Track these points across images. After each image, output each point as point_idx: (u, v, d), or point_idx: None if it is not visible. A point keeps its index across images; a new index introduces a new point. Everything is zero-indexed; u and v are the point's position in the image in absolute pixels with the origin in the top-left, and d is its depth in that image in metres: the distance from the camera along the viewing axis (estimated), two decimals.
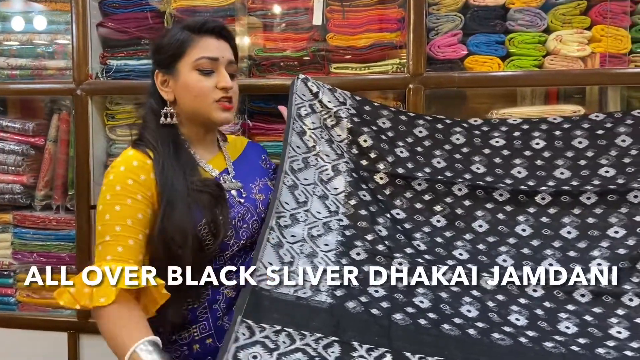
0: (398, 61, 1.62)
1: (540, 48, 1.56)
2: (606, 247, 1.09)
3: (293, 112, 1.23)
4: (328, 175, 1.19)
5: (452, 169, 1.24)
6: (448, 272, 1.06)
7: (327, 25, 1.67)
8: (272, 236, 1.03)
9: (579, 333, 0.96)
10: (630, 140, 1.20)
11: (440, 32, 1.61)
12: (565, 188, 1.17)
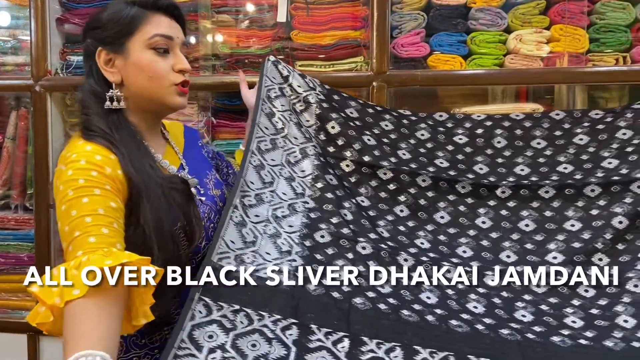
0: (362, 59, 1.62)
1: (500, 47, 1.57)
2: (562, 240, 1.10)
3: (263, 93, 1.22)
4: (296, 158, 1.18)
5: (416, 161, 1.25)
6: (410, 259, 1.06)
7: (292, 22, 1.66)
8: (236, 215, 1.00)
9: (535, 321, 0.97)
10: (588, 138, 1.23)
11: (404, 31, 1.61)
12: (524, 182, 1.19)
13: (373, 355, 0.86)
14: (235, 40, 1.68)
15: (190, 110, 1.71)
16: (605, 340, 0.92)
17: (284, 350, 0.84)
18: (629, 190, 1.12)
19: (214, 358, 0.79)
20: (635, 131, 1.20)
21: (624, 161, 1.16)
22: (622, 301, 0.99)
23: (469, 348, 0.89)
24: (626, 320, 0.96)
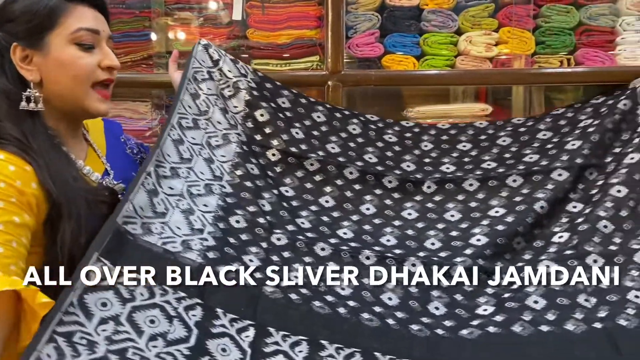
0: (318, 58, 1.63)
1: (452, 48, 1.61)
2: (486, 224, 1.12)
3: (189, 73, 1.19)
4: (217, 142, 1.15)
5: (345, 156, 1.24)
6: (328, 249, 1.05)
7: (248, 21, 1.66)
8: (148, 182, 0.93)
9: (447, 314, 0.96)
10: (511, 140, 1.28)
11: (359, 31, 1.63)
12: (449, 177, 1.21)
13: (277, 348, 0.83)
14: (190, 37, 1.66)
15: (144, 108, 1.69)
16: (514, 325, 0.92)
17: (185, 332, 0.78)
18: (549, 178, 1.15)
19: (104, 330, 0.71)
20: (554, 132, 1.24)
21: (544, 155, 1.20)
22: (534, 283, 1.00)
23: (376, 344, 0.88)
24: (536, 301, 0.97)
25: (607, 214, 1.07)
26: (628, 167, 1.12)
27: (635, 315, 0.91)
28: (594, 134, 1.18)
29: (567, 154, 1.17)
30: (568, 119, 1.26)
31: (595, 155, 1.16)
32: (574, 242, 1.05)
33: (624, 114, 1.20)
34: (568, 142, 1.19)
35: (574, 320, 0.93)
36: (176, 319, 0.79)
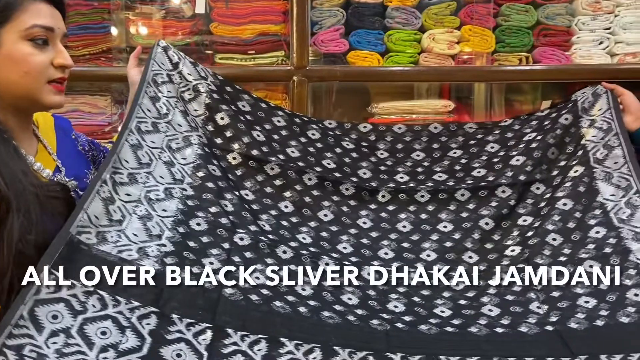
0: (283, 53, 1.61)
1: (415, 45, 1.62)
2: (435, 240, 1.16)
3: (148, 76, 1.16)
4: (178, 145, 1.13)
5: (304, 160, 1.25)
6: (290, 252, 1.06)
7: (211, 14, 1.62)
8: (104, 189, 0.92)
9: (406, 312, 1.00)
10: (461, 152, 1.31)
11: (324, 27, 1.62)
12: (403, 187, 1.24)
13: (235, 348, 0.83)
14: (152, 30, 1.62)
15: (104, 102, 1.65)
16: (471, 327, 0.97)
17: (138, 341, 0.77)
18: (494, 195, 1.20)
19: (54, 343, 0.71)
20: (501, 145, 1.28)
21: (491, 169, 1.24)
22: (488, 293, 1.05)
23: (336, 339, 0.90)
24: (491, 310, 1.01)
25: (555, 227, 1.12)
26: (572, 180, 1.17)
27: (585, 319, 0.97)
28: (537, 150, 1.23)
29: (512, 170, 1.21)
30: (514, 131, 1.30)
31: (539, 171, 1.21)
32: (525, 255, 1.10)
33: (565, 128, 1.24)
34: (513, 157, 1.23)
35: (527, 324, 0.98)
36: (129, 329, 0.79)
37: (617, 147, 1.16)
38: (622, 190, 1.12)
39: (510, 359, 0.90)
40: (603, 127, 1.20)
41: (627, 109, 1.20)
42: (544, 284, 1.05)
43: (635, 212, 1.08)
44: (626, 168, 1.14)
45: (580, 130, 1.22)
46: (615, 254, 1.05)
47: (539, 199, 1.19)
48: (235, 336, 0.86)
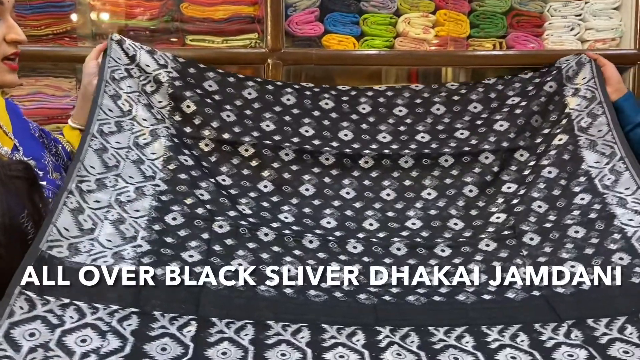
0: (257, 36, 1.57)
1: (391, 29, 1.60)
2: (420, 208, 1.14)
3: (106, 75, 1.12)
4: (145, 140, 1.10)
5: (281, 133, 1.21)
6: (271, 234, 1.03)
7: None
8: (71, 200, 0.91)
9: (392, 283, 0.97)
10: (444, 109, 1.28)
11: (298, 9, 1.58)
12: (386, 152, 1.21)
13: (222, 335, 0.82)
14: (118, 10, 1.56)
15: (68, 84, 1.56)
16: (458, 295, 0.95)
17: (119, 342, 0.76)
18: (477, 161, 1.18)
19: (34, 358, 0.71)
20: (484, 106, 1.26)
21: (474, 133, 1.22)
22: (475, 259, 1.03)
23: (324, 317, 0.88)
24: (478, 277, 0.99)
25: (541, 195, 1.11)
26: (557, 148, 1.16)
27: (570, 284, 0.95)
28: (521, 117, 1.22)
29: (495, 135, 1.21)
30: (498, 92, 1.28)
31: (523, 138, 1.20)
32: (510, 222, 1.09)
33: (549, 96, 1.24)
34: (496, 122, 1.22)
35: (514, 290, 0.96)
36: (109, 332, 0.77)
37: (601, 115, 1.16)
38: (606, 158, 1.12)
39: (498, 326, 0.88)
40: (587, 96, 1.20)
41: (608, 81, 1.21)
42: (530, 251, 1.04)
43: (619, 178, 1.08)
44: (610, 136, 1.14)
45: (564, 98, 1.22)
46: (600, 220, 1.04)
47: (522, 166, 1.17)
48: (221, 324, 0.83)
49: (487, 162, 1.18)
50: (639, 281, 0.92)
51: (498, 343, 0.85)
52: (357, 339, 0.85)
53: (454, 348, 0.83)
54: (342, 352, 0.82)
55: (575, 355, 0.82)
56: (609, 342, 0.83)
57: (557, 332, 0.87)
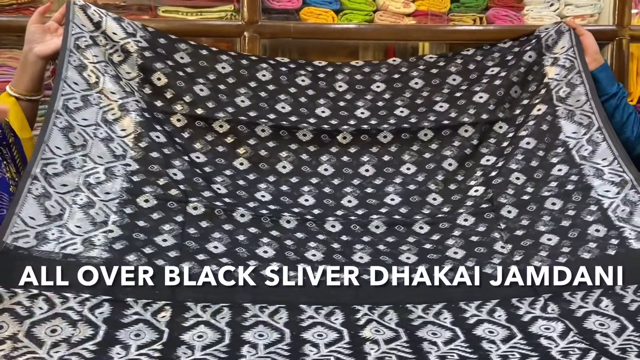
0: (232, 8, 1.51)
1: (370, 3, 1.54)
2: (399, 183, 1.11)
3: (70, 43, 1.05)
4: (114, 116, 1.04)
5: (256, 109, 1.16)
6: (248, 214, 1.00)
7: None
8: (36, 187, 0.87)
9: (372, 262, 0.96)
10: (423, 82, 1.24)
11: None
12: (364, 127, 1.17)
13: (197, 320, 0.80)
14: None
15: None
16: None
17: (91, 330, 0.75)
18: (457, 134, 1.15)
19: (2, 350, 0.69)
20: (463, 77, 1.23)
21: (454, 105, 1.19)
22: (453, 235, 1.02)
23: (302, 298, 0.87)
24: (456, 252, 0.99)
25: (519, 166, 1.09)
26: (535, 118, 1.14)
27: (548, 257, 0.95)
28: (500, 88, 1.19)
29: (474, 107, 1.18)
30: (477, 62, 1.24)
31: (502, 110, 1.18)
32: (489, 195, 1.07)
33: (529, 65, 1.21)
34: (476, 93, 1.19)
35: (491, 265, 0.95)
36: (80, 321, 0.75)
37: (579, 84, 1.14)
38: (583, 128, 1.10)
39: (476, 302, 0.88)
40: (566, 65, 1.17)
41: (586, 50, 1.19)
42: (508, 224, 1.02)
43: (597, 149, 1.07)
44: (588, 105, 1.12)
45: (544, 68, 1.19)
46: (577, 191, 1.03)
47: (501, 138, 1.15)
48: (196, 308, 0.82)
49: (466, 135, 1.15)
50: (614, 253, 0.92)
51: (476, 318, 0.84)
52: (336, 318, 0.84)
53: (432, 324, 0.83)
54: (320, 330, 0.80)
55: (551, 329, 0.81)
56: (584, 315, 0.83)
57: (533, 307, 0.86)
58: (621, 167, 1.03)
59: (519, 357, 0.74)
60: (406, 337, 0.79)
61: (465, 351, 0.76)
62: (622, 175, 1.02)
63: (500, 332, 0.81)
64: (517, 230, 1.01)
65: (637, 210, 0.97)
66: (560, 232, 0.98)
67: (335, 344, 0.77)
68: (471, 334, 0.81)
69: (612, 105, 1.17)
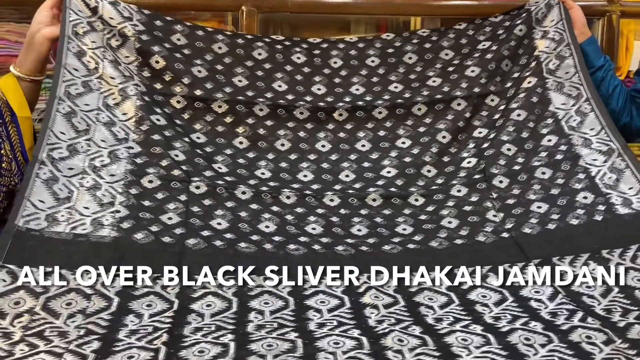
0: None
1: None
2: (394, 156, 1.12)
3: (68, 30, 1.04)
4: (115, 100, 1.04)
5: (253, 88, 1.16)
6: (249, 192, 1.01)
7: None
8: (44, 171, 0.89)
9: (369, 234, 0.98)
10: (416, 57, 1.23)
11: None
12: (359, 104, 1.17)
13: (206, 290, 0.82)
14: None
15: None
16: (431, 242, 0.96)
17: (105, 302, 0.77)
18: (450, 108, 1.16)
19: (20, 322, 0.71)
20: (455, 52, 1.22)
21: (446, 80, 1.19)
22: (447, 205, 1.03)
23: (304, 265, 0.89)
24: (450, 222, 1.00)
25: (510, 138, 1.10)
26: (526, 91, 1.14)
27: (538, 224, 0.97)
28: (492, 62, 1.19)
29: (467, 81, 1.17)
30: (469, 37, 1.23)
31: (494, 83, 1.18)
32: (481, 166, 1.08)
33: (519, 39, 1.21)
34: (468, 67, 1.19)
35: (484, 233, 0.98)
36: (94, 295, 0.78)
37: (568, 57, 1.14)
38: (572, 99, 1.11)
39: (469, 268, 0.90)
40: (555, 38, 1.16)
41: (574, 24, 1.18)
42: (499, 194, 1.04)
43: (585, 119, 1.08)
44: (577, 77, 1.12)
45: (534, 41, 1.19)
46: (566, 160, 1.04)
47: (493, 110, 1.15)
48: (205, 278, 0.84)
49: (459, 108, 1.15)
50: (601, 219, 0.94)
51: (470, 284, 0.87)
52: (337, 286, 0.86)
53: (428, 290, 0.85)
54: (323, 298, 0.83)
55: (541, 292, 0.84)
56: (573, 279, 0.85)
57: (524, 271, 0.88)
58: (608, 136, 1.04)
59: (510, 318, 0.77)
60: (404, 302, 0.82)
61: (460, 314, 0.79)
62: (609, 144, 1.03)
63: (493, 296, 0.84)
64: (508, 199, 1.02)
65: (623, 177, 0.98)
66: (550, 200, 1.00)
67: (337, 309, 0.80)
68: (465, 298, 0.83)
69: (599, 77, 1.18)
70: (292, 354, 0.66)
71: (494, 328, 0.73)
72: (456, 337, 0.70)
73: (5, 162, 0.97)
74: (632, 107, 1.22)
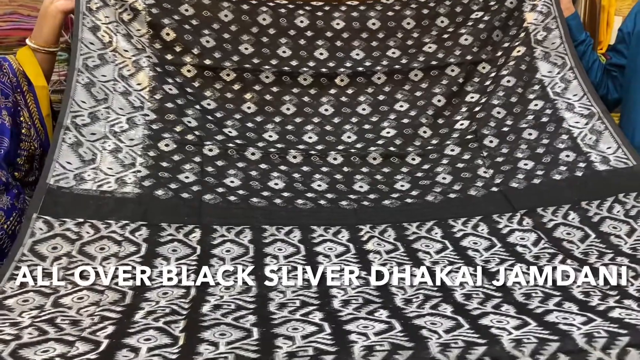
0: None
1: None
2: (393, 118, 1.17)
3: (82, 6, 1.08)
4: (129, 71, 1.09)
5: (259, 55, 1.20)
6: (258, 153, 1.07)
7: None
8: (69, 136, 0.95)
9: (370, 190, 1.04)
10: (414, 23, 1.26)
11: None
12: (360, 69, 1.21)
13: (224, 238, 0.89)
14: None
15: None
16: (427, 196, 1.02)
17: (134, 247, 0.84)
18: (444, 74, 1.20)
19: (59, 264, 0.78)
20: (450, 20, 1.26)
21: (441, 46, 1.24)
22: (442, 163, 1.09)
23: (312, 220, 0.95)
24: (444, 178, 1.06)
25: (500, 102, 1.16)
26: (515, 59, 1.20)
27: (524, 179, 1.04)
28: (484, 31, 1.24)
29: (460, 49, 1.23)
30: (463, 5, 1.27)
31: (485, 52, 1.23)
32: (473, 128, 1.14)
33: (510, 11, 1.25)
34: (461, 36, 1.24)
35: (475, 187, 1.04)
36: (124, 241, 0.85)
37: (555, 29, 1.20)
38: (557, 68, 1.17)
39: (462, 218, 0.97)
40: (543, 11, 1.22)
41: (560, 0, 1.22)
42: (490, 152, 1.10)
43: (569, 86, 1.14)
44: (562, 48, 1.18)
45: (523, 14, 1.24)
46: (550, 122, 1.11)
47: (484, 77, 1.21)
48: (222, 229, 0.91)
49: (453, 74, 1.21)
50: (581, 174, 1.01)
51: (462, 232, 0.94)
52: (342, 235, 0.93)
53: (425, 238, 0.93)
54: (330, 245, 0.90)
55: (526, 238, 0.91)
56: (554, 227, 0.94)
57: (511, 221, 0.96)
58: (590, 101, 1.12)
59: (498, 261, 0.85)
60: (403, 248, 0.89)
61: (454, 258, 0.86)
62: (590, 108, 1.11)
63: (483, 242, 0.91)
64: (497, 157, 1.09)
65: (602, 138, 1.06)
66: (536, 158, 1.07)
67: (344, 255, 0.87)
68: (458, 245, 0.91)
69: (580, 51, 1.24)
70: (306, 290, 0.74)
71: (485, 270, 0.81)
72: (451, 277, 0.78)
73: (25, 128, 1.02)
74: (609, 80, 1.29)
